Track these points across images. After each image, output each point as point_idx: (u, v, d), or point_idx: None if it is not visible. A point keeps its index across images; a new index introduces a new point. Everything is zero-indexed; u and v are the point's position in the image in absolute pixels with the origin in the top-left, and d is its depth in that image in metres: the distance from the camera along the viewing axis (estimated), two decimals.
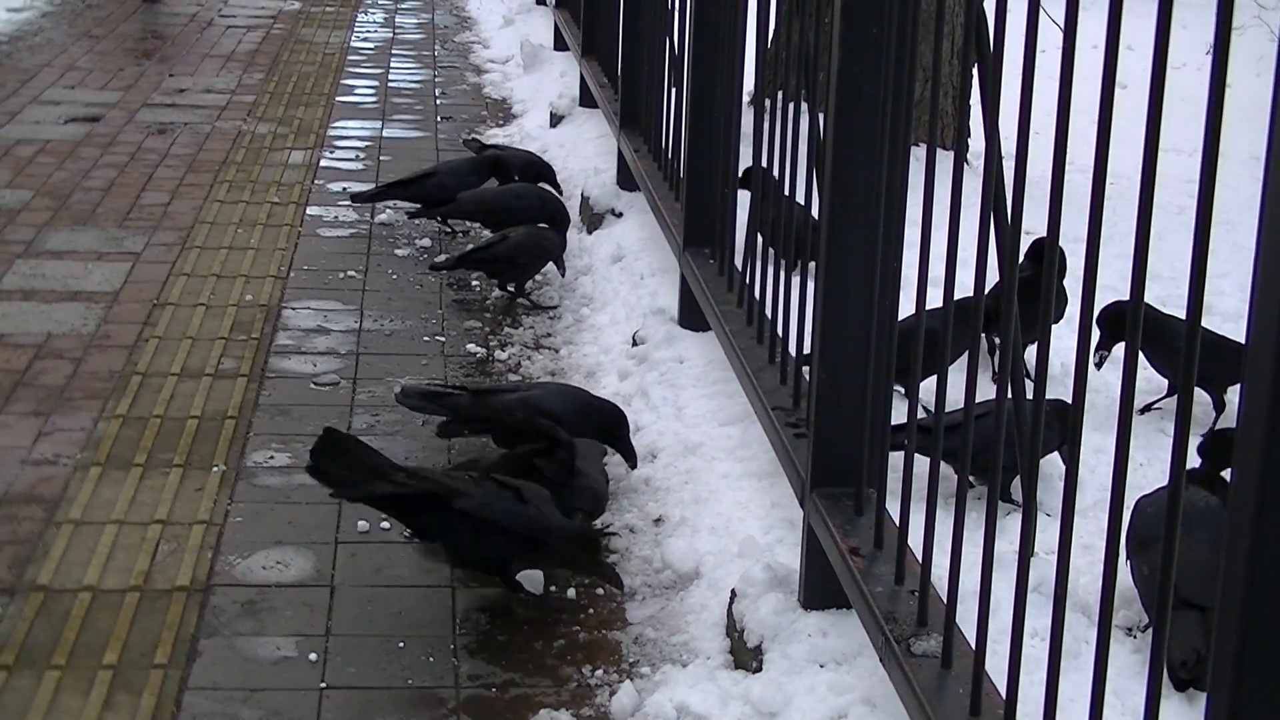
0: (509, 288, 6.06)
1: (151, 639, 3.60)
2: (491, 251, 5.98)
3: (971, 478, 3.28)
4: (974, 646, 2.67)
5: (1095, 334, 4.43)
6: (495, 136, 8.74)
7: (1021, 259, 4.32)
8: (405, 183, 6.87)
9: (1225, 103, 1.92)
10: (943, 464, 3.02)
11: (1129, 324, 2.16)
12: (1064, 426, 3.71)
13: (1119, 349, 4.66)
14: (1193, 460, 4.13)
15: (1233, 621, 1.77)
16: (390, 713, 3.38)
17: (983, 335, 4.01)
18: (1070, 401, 2.41)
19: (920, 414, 3.35)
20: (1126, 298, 2.18)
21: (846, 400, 3.44)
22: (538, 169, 7.16)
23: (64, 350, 5.33)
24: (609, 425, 4.48)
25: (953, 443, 2.94)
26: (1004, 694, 2.57)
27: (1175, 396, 4.63)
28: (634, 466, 4.45)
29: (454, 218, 6.75)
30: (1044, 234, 2.43)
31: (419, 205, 6.75)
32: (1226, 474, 3.29)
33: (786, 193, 4.25)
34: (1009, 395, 2.88)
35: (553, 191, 6.94)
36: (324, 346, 5.50)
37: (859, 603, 3.13)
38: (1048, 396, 2.76)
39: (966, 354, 2.87)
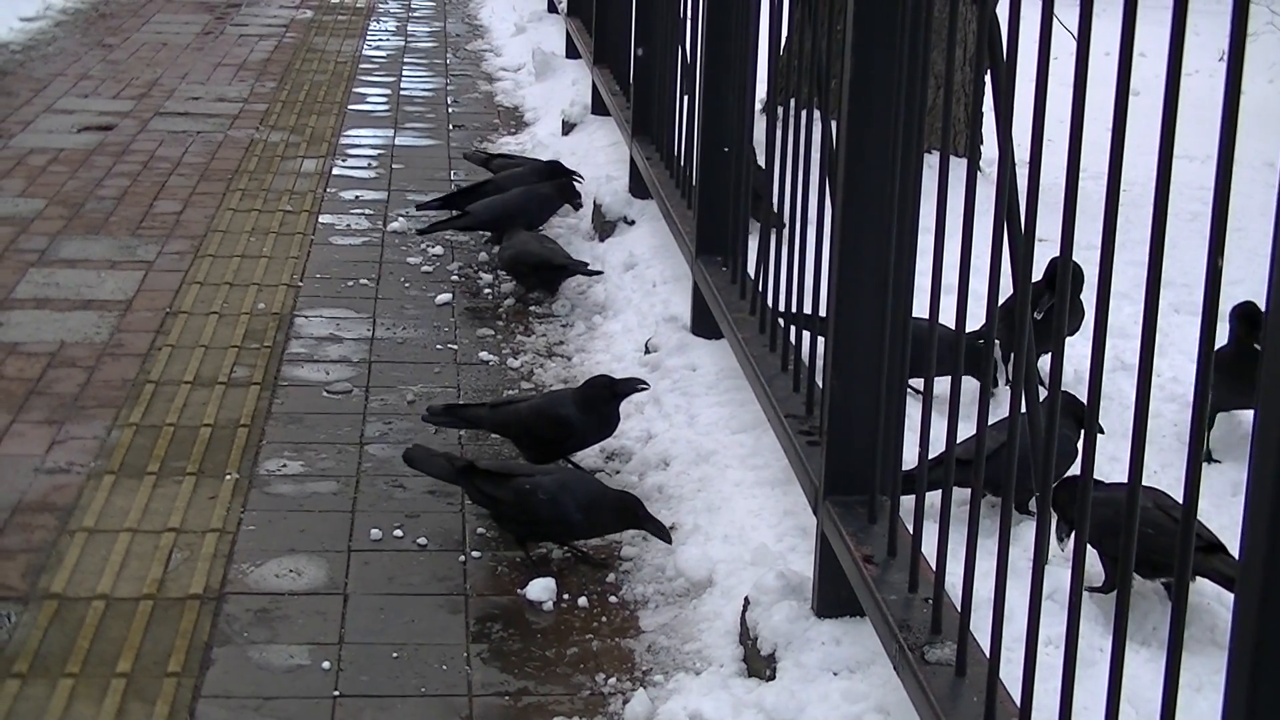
0: (519, 289, 6.11)
1: (165, 647, 3.60)
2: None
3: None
4: (988, 654, 2.66)
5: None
6: (508, 145, 8.75)
7: (1039, 278, 4.32)
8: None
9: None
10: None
11: (1143, 336, 2.15)
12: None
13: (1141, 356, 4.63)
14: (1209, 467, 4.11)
15: (1250, 625, 1.77)
16: None
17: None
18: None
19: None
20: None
21: (859, 408, 3.44)
22: (554, 170, 7.21)
23: (77, 359, 5.34)
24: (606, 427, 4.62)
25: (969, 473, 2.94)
26: (1019, 702, 2.57)
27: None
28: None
29: (471, 229, 6.73)
30: (1058, 247, 2.42)
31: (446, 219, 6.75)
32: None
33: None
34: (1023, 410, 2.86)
35: (556, 184, 6.92)
36: (336, 355, 5.51)
37: (873, 611, 3.13)
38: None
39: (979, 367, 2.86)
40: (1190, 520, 2.05)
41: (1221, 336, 4.53)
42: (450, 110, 9.74)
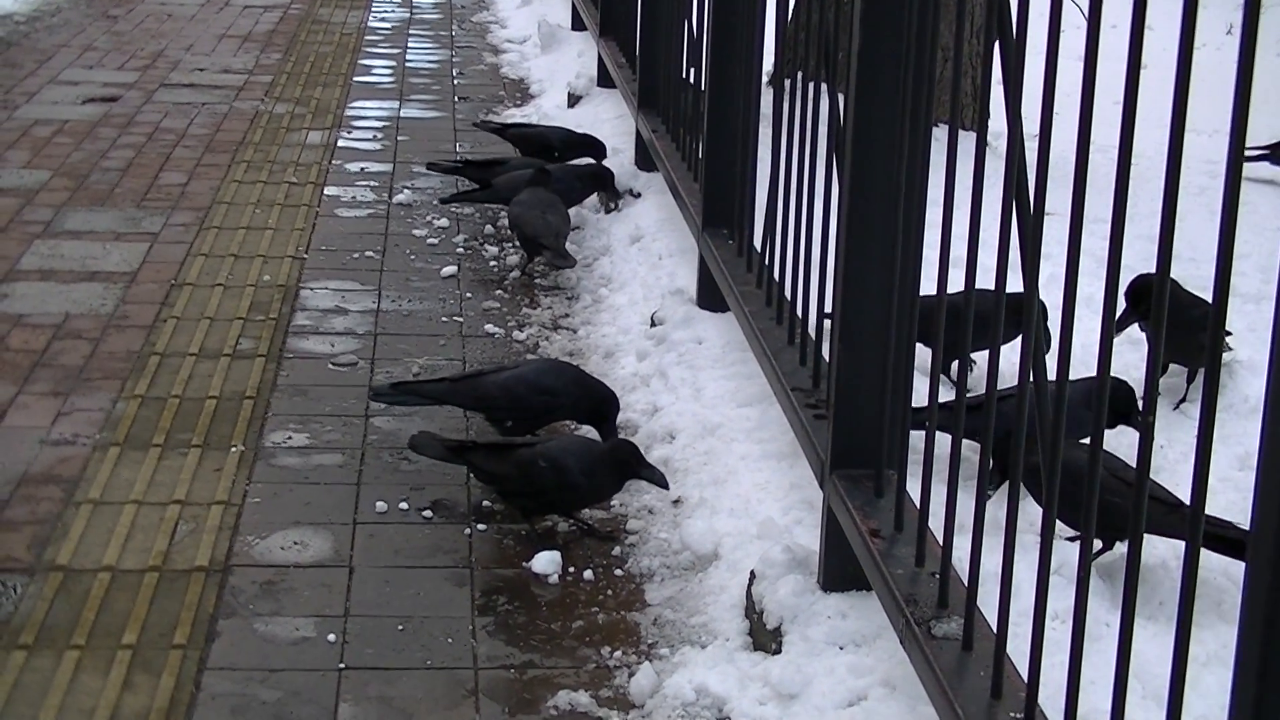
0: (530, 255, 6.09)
1: (170, 619, 3.60)
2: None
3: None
4: (995, 629, 2.66)
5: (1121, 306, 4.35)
6: (513, 117, 8.73)
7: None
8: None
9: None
10: (964, 446, 3.00)
11: (1154, 306, 2.14)
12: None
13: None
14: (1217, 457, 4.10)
15: (1260, 600, 1.76)
16: (409, 694, 3.38)
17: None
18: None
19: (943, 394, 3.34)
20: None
21: (866, 381, 3.43)
22: (580, 142, 7.17)
23: (82, 330, 5.34)
24: (603, 406, 4.57)
25: (976, 423, 2.93)
26: (1025, 676, 2.57)
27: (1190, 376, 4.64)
28: None
29: (494, 203, 6.69)
30: (1068, 220, 2.41)
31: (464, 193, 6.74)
32: None
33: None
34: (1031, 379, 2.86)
35: (583, 165, 6.90)
36: (342, 327, 5.50)
37: (879, 585, 3.12)
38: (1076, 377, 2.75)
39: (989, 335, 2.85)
40: (1201, 496, 2.04)
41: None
42: (456, 82, 9.72)
